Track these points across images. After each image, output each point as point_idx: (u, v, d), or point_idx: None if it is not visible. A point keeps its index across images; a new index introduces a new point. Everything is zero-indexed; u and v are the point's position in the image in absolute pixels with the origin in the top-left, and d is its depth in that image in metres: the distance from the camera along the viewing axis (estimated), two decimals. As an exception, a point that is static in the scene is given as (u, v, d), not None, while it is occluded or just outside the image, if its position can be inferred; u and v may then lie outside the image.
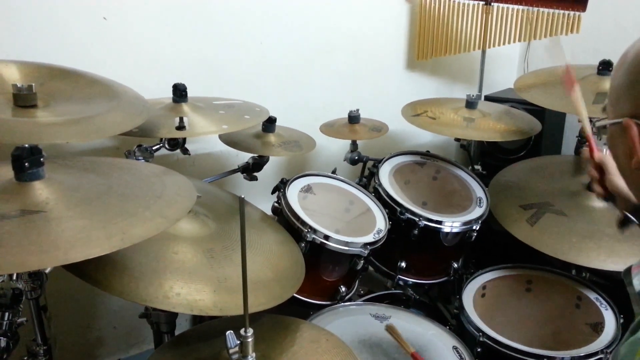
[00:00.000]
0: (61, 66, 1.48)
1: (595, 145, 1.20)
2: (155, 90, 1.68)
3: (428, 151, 2.11)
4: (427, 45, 2.48)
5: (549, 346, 1.56)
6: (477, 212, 1.86)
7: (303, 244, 1.58)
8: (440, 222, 1.78)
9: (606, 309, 1.66)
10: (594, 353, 1.48)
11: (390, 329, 1.49)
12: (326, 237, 1.60)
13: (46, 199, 0.97)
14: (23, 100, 1.26)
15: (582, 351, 1.50)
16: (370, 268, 1.93)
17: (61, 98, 1.37)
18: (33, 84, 1.28)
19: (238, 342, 1.03)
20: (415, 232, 1.77)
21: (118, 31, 1.83)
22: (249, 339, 1.03)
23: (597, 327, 1.61)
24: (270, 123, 1.82)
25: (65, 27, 1.74)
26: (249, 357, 1.05)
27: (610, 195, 1.17)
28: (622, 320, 1.60)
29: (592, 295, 1.71)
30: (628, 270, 0.89)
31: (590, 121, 1.17)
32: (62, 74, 1.46)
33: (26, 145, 0.99)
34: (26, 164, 0.98)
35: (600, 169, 1.19)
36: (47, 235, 0.89)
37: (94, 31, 1.79)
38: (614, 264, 1.60)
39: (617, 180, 1.14)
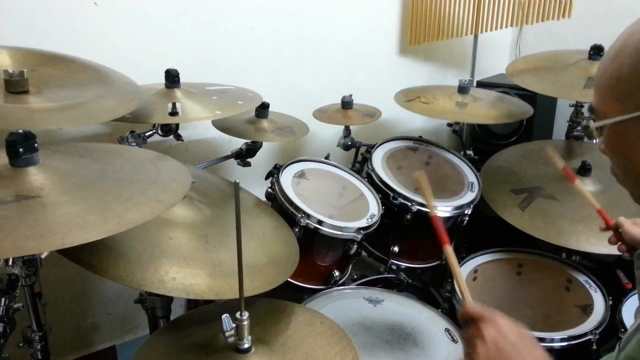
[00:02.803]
0: (52, 52, 1.48)
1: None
2: (148, 76, 1.67)
3: (420, 136, 2.12)
4: (420, 30, 2.48)
5: (540, 328, 1.58)
6: (469, 196, 1.87)
7: (297, 229, 1.59)
8: (432, 207, 1.80)
9: (595, 291, 1.68)
10: (584, 334, 1.51)
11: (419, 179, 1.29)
12: (320, 222, 1.61)
13: (41, 184, 0.97)
14: (14, 86, 1.25)
15: (572, 332, 1.52)
16: (364, 253, 1.94)
17: (53, 84, 1.36)
18: (24, 70, 1.27)
19: (234, 325, 1.04)
20: (408, 216, 1.79)
21: (109, 17, 1.81)
22: (245, 322, 1.04)
23: (587, 309, 1.64)
24: (263, 109, 1.82)
25: (56, 12, 1.72)
26: (245, 340, 1.06)
27: (632, 248, 1.21)
28: (610, 302, 1.62)
29: (582, 278, 1.73)
30: None
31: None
32: (53, 59, 1.45)
33: (20, 131, 0.98)
34: (20, 149, 0.98)
35: (617, 230, 1.23)
36: (43, 220, 0.89)
37: (85, 17, 1.77)
38: (604, 248, 1.61)
39: (632, 230, 1.20)
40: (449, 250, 1.13)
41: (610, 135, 0.81)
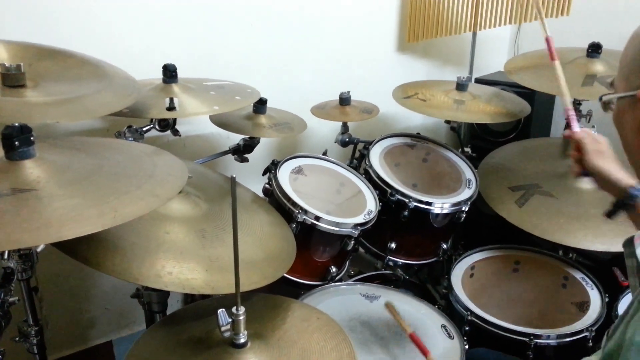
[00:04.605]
0: (50, 46, 1.47)
1: (576, 122, 1.23)
2: (145, 71, 1.67)
3: (418, 133, 2.12)
4: (418, 27, 2.47)
5: (536, 325, 1.59)
6: (466, 193, 1.87)
7: (294, 225, 1.59)
8: (430, 204, 1.80)
9: (592, 289, 1.69)
10: (580, 331, 1.52)
11: (388, 307, 1.50)
12: (317, 218, 1.61)
13: (37, 177, 0.97)
14: (12, 80, 1.25)
15: (568, 329, 1.53)
16: (361, 249, 1.94)
17: (50, 78, 1.36)
18: (22, 64, 1.26)
19: (230, 320, 1.04)
20: (405, 213, 1.79)
21: (107, 11, 1.81)
22: (241, 317, 1.04)
23: (583, 306, 1.65)
24: (261, 104, 1.82)
25: (54, 7, 1.71)
26: (241, 334, 1.06)
27: (586, 173, 1.17)
28: (607, 300, 1.63)
29: (579, 275, 1.74)
30: (630, 241, 0.89)
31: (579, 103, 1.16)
32: (50, 54, 1.45)
33: (16, 124, 0.98)
34: (16, 142, 0.98)
35: (578, 147, 1.18)
36: (39, 213, 0.89)
37: (83, 11, 1.77)
38: (601, 245, 1.62)
39: (595, 160, 1.14)
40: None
41: (615, 110, 0.89)
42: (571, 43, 2.09)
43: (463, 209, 1.83)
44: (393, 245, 1.88)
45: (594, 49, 1.92)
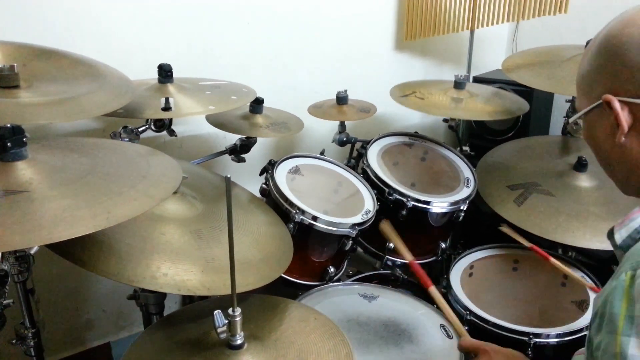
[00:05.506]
0: (44, 46, 1.46)
1: None
2: (141, 71, 1.66)
3: (416, 132, 2.11)
4: (416, 25, 2.47)
5: (535, 324, 1.58)
6: (464, 192, 1.86)
7: (291, 225, 1.58)
8: (428, 203, 1.79)
9: (591, 287, 1.68)
10: (579, 330, 1.50)
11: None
12: (314, 218, 1.60)
13: (30, 179, 0.96)
14: (5, 80, 1.25)
15: (568, 328, 1.52)
16: (359, 249, 1.93)
17: (44, 79, 1.35)
18: (15, 65, 1.26)
19: (226, 321, 1.03)
20: (404, 212, 1.78)
21: (102, 11, 1.80)
22: (237, 318, 1.04)
23: (582, 305, 1.64)
24: (257, 104, 1.81)
25: (48, 7, 1.70)
26: (237, 336, 1.05)
27: None
28: (606, 298, 1.62)
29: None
30: (611, 232, 0.90)
31: None
32: (45, 54, 1.44)
33: (8, 125, 0.97)
34: (8, 143, 0.97)
35: None
36: (31, 215, 0.88)
37: (78, 11, 1.76)
38: (600, 243, 1.62)
39: None
40: (434, 291, 1.33)
41: (584, 128, 0.91)
42: (569, 40, 2.09)
43: (461, 208, 1.82)
44: (391, 244, 1.87)
45: (592, 47, 1.91)
